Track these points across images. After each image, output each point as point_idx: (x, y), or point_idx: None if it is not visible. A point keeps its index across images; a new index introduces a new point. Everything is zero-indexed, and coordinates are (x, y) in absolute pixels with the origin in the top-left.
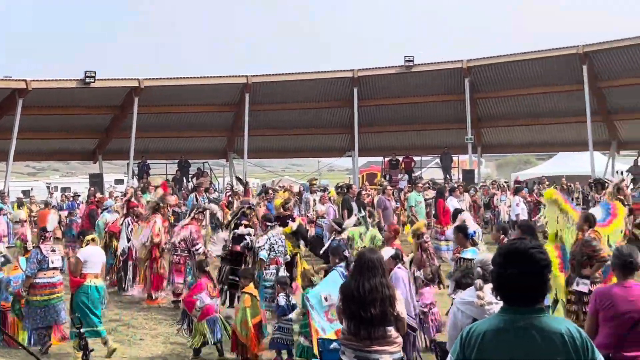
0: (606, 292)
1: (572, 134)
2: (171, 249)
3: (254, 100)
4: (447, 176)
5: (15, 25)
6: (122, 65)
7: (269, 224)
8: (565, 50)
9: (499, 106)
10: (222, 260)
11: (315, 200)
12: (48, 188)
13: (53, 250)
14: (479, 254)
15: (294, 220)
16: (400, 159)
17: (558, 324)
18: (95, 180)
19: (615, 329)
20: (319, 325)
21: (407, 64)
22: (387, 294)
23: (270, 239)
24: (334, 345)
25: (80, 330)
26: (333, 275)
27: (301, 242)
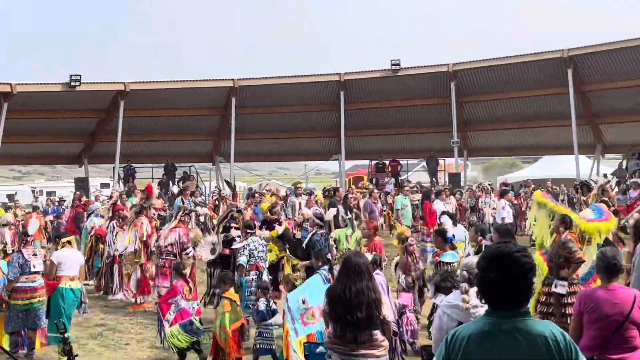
0: (591, 295)
1: (558, 138)
2: (157, 252)
3: (240, 103)
4: (434, 179)
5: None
6: (123, 65)
7: (249, 231)
8: (550, 54)
9: (484, 110)
10: (212, 264)
11: (301, 203)
12: (33, 192)
13: (35, 254)
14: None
15: (280, 224)
16: (387, 162)
17: (542, 327)
18: (81, 184)
19: (600, 331)
20: (292, 327)
21: (394, 68)
22: (374, 297)
23: (249, 245)
24: (320, 349)
25: (65, 335)
26: (315, 279)
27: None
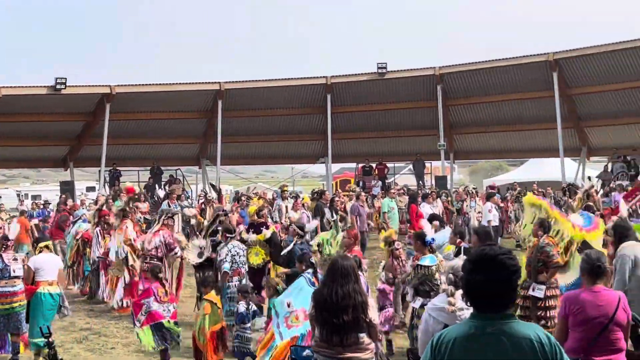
0: (575, 297)
1: (543, 141)
2: (142, 256)
3: (226, 106)
4: (420, 182)
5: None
6: (121, 65)
7: (229, 235)
8: (536, 57)
9: (470, 113)
10: (200, 268)
11: (287, 206)
12: (18, 196)
13: (15, 258)
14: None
15: (267, 228)
16: (374, 165)
17: (527, 329)
18: (66, 188)
19: (585, 333)
20: (277, 331)
21: (380, 71)
22: (360, 300)
23: (230, 250)
24: (307, 352)
25: (49, 339)
26: (299, 282)
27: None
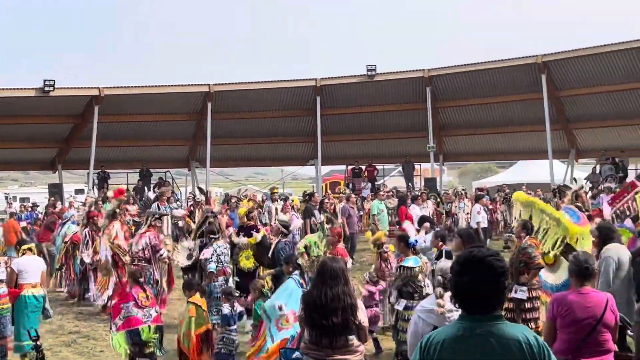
0: (563, 299)
1: (532, 143)
2: (130, 258)
3: (216, 109)
4: (410, 184)
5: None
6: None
7: (213, 236)
8: (524, 59)
9: (460, 115)
10: (188, 270)
11: (277, 208)
12: (6, 198)
13: None
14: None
15: (258, 231)
16: (363, 167)
17: (515, 331)
18: (55, 190)
19: (573, 335)
20: (269, 334)
21: (369, 73)
22: (349, 302)
23: (216, 250)
24: (296, 354)
25: (37, 343)
26: (289, 284)
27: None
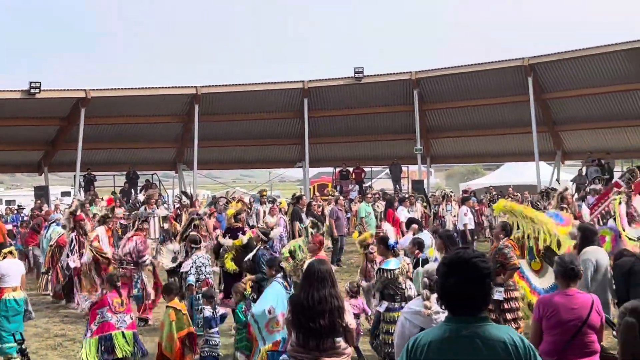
0: (549, 301)
1: (519, 145)
2: (117, 261)
3: (203, 111)
4: (397, 186)
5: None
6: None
7: (194, 246)
8: (511, 62)
9: (447, 117)
10: (173, 273)
11: (265, 211)
12: None
13: None
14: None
15: (244, 233)
16: (351, 169)
17: (501, 332)
18: (41, 193)
19: (559, 336)
20: (259, 337)
21: (357, 76)
22: (336, 304)
23: (195, 262)
24: (283, 357)
25: (22, 346)
26: (274, 287)
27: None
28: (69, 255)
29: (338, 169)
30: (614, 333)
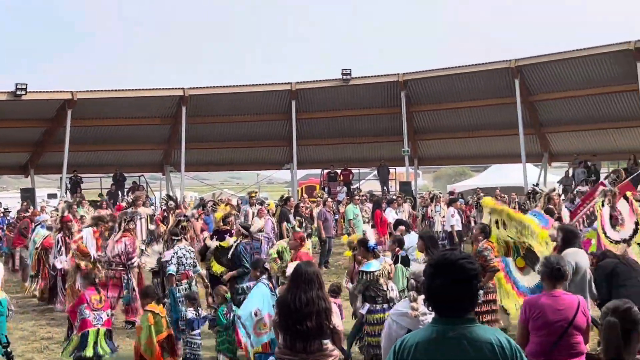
0: (535, 302)
1: (506, 146)
2: (106, 263)
3: (191, 112)
4: (385, 188)
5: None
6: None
7: (175, 238)
8: (498, 64)
9: (434, 119)
10: (157, 274)
11: (253, 213)
12: None
13: None
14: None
15: (231, 236)
16: (339, 171)
17: (488, 333)
18: (27, 195)
19: (545, 337)
20: (248, 341)
21: (345, 77)
22: (324, 306)
23: (177, 253)
24: (271, 359)
25: (7, 349)
26: (260, 289)
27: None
28: (56, 257)
29: (326, 171)
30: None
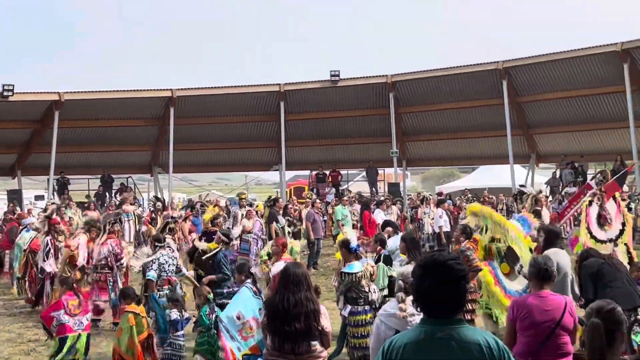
0: (523, 302)
1: (493, 148)
2: (93, 267)
3: (179, 114)
4: (373, 189)
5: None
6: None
7: (158, 244)
8: (486, 65)
9: (422, 120)
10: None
11: (242, 214)
12: None
13: None
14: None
15: None
16: (327, 172)
17: (476, 334)
18: (14, 197)
19: (532, 338)
20: (234, 344)
21: (333, 79)
22: (312, 308)
23: (159, 259)
24: None
25: None
26: (243, 293)
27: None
28: (44, 260)
29: (315, 172)
30: None
